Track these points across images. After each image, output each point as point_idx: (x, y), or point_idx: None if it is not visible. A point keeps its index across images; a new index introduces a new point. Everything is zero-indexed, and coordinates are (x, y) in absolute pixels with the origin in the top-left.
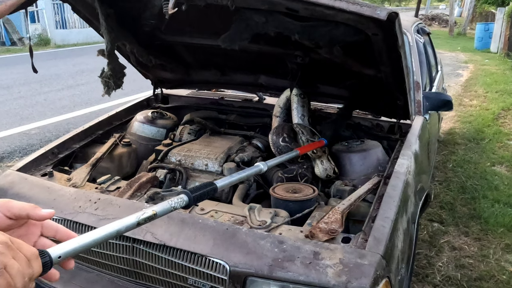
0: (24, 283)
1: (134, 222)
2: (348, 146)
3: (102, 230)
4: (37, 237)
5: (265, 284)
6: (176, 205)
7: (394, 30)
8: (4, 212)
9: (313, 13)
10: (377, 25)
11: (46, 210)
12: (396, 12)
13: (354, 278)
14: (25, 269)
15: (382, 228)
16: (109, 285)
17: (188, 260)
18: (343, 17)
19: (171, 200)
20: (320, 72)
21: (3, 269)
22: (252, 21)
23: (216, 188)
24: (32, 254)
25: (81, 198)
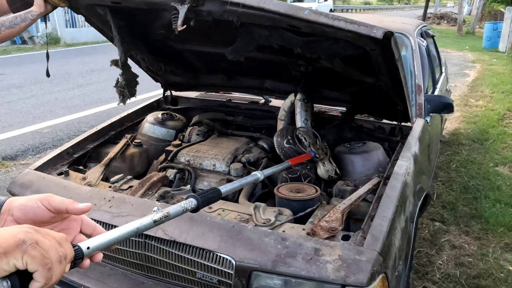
0: (58, 258)
1: (151, 221)
2: (350, 147)
3: (124, 228)
4: (77, 232)
5: (268, 278)
6: (186, 207)
7: (390, 46)
8: (46, 205)
9: (314, 30)
10: (374, 42)
11: (83, 204)
12: (391, 31)
13: (352, 273)
14: (57, 247)
15: (379, 227)
16: (123, 279)
17: (196, 255)
18: (342, 35)
19: (182, 203)
20: (323, 78)
21: (35, 243)
22: (257, 34)
23: (221, 193)
24: (62, 237)
25: (96, 196)
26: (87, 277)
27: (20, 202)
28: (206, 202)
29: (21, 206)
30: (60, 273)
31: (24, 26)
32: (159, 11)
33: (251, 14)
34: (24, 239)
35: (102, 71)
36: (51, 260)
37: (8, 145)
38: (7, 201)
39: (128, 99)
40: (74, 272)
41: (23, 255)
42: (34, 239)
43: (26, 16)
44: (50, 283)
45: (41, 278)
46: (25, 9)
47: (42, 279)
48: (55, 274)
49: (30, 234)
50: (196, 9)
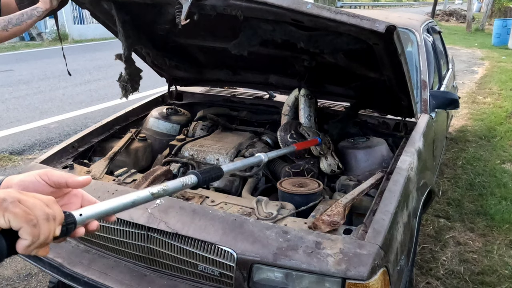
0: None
1: (148, 194)
2: (353, 142)
3: (120, 200)
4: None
5: (269, 271)
6: (186, 183)
7: (393, 40)
8: (45, 180)
9: (316, 24)
10: (377, 36)
11: (83, 177)
12: (394, 25)
13: (352, 267)
14: (43, 206)
15: (381, 221)
16: (126, 271)
17: (198, 248)
18: (345, 29)
19: (182, 178)
20: (327, 73)
21: (17, 201)
22: (260, 29)
23: (222, 172)
24: (49, 199)
25: (100, 189)
26: (90, 269)
27: (19, 178)
28: (206, 179)
29: (20, 182)
30: (48, 231)
31: (30, 23)
32: (163, 6)
33: (254, 8)
34: (5, 197)
35: (109, 67)
36: (36, 217)
37: (15, 140)
38: (6, 179)
39: (131, 94)
40: (77, 264)
41: (4, 212)
42: (16, 197)
43: (32, 12)
44: (38, 241)
45: (27, 235)
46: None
47: (28, 236)
48: (42, 232)
49: (12, 193)
50: (200, 3)
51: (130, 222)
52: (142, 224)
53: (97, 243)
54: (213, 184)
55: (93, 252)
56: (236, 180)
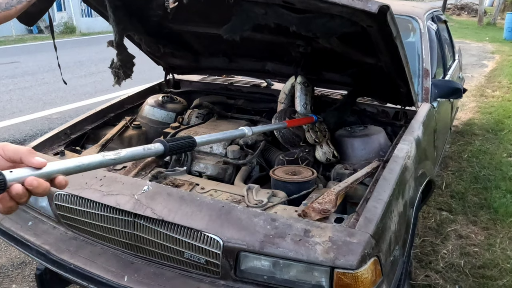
0: None
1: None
2: (350, 131)
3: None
4: None
5: (256, 259)
6: (149, 151)
7: (387, 22)
8: (1, 154)
9: (308, 6)
10: (370, 18)
11: (38, 159)
12: (387, 5)
13: (341, 255)
14: None
15: (374, 209)
16: (113, 258)
17: (184, 235)
18: (337, 10)
19: (146, 145)
20: (324, 60)
21: None
22: (252, 12)
23: (195, 142)
24: None
25: (88, 175)
26: (77, 256)
27: None
28: (175, 149)
29: None
30: None
31: (20, 8)
32: None
33: None
34: None
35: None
36: None
37: (17, 130)
38: None
39: (124, 80)
40: (64, 251)
41: None
42: None
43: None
44: None
45: None
46: None
47: None
48: None
49: None
50: None
51: (116, 208)
52: (128, 210)
53: (85, 230)
54: (205, 172)
55: (81, 239)
56: (229, 168)
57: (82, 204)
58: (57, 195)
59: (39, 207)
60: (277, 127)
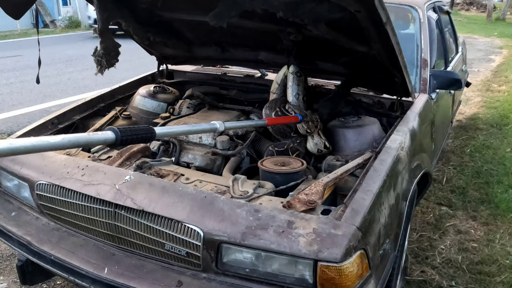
0: None
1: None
2: (344, 121)
3: None
4: None
5: (238, 251)
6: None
7: (374, 6)
8: None
9: None
10: (357, 2)
11: None
12: None
13: (325, 248)
14: None
15: (361, 201)
16: (94, 250)
17: (164, 225)
18: None
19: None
20: (317, 49)
21: None
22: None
23: (154, 134)
24: None
25: (70, 165)
26: (58, 248)
27: None
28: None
29: None
30: None
31: None
32: None
33: None
34: None
35: None
36: None
37: (15, 122)
38: None
39: (106, 69)
40: (46, 242)
41: None
42: None
43: None
44: None
45: None
46: None
47: None
48: None
49: None
50: None
51: (97, 198)
52: (109, 200)
53: (66, 220)
54: (193, 163)
55: (63, 230)
56: (218, 159)
57: (63, 194)
58: (38, 185)
59: (21, 197)
60: (255, 124)
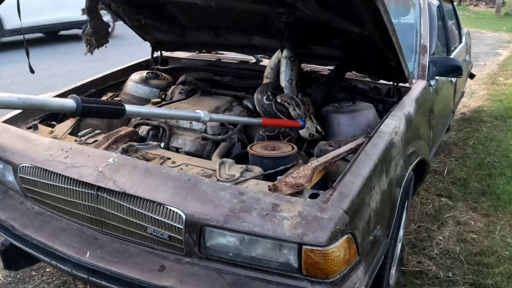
0: None
1: None
2: (338, 107)
3: None
4: None
5: (221, 235)
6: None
7: None
8: None
9: None
10: None
11: None
12: None
13: (310, 231)
14: None
15: (350, 184)
16: (77, 234)
17: (146, 208)
18: None
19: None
20: (310, 32)
21: None
22: None
23: (124, 110)
24: None
25: (54, 147)
26: (41, 232)
27: None
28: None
29: None
30: None
31: None
32: None
33: None
34: None
35: (119, 46)
36: None
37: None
38: None
39: (96, 49)
40: (29, 226)
41: None
42: None
43: None
44: None
45: None
46: None
47: None
48: None
49: None
50: None
51: (79, 181)
52: (91, 182)
53: (50, 204)
54: (183, 148)
55: (47, 214)
56: (208, 145)
57: (46, 176)
58: (21, 168)
59: (6, 182)
60: (247, 121)
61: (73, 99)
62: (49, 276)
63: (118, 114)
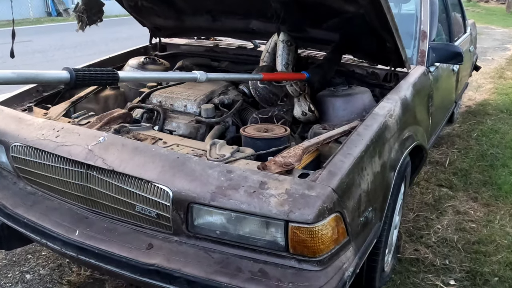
0: None
1: None
2: (333, 91)
3: None
4: None
5: (208, 213)
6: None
7: None
8: None
9: None
10: None
11: None
12: None
13: (297, 208)
14: None
15: (340, 163)
16: (67, 213)
17: (134, 186)
18: None
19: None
20: (306, 13)
21: None
22: None
23: (116, 77)
24: None
25: (46, 127)
26: (31, 211)
27: None
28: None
29: None
30: None
31: None
32: None
33: None
34: None
35: (126, 40)
36: None
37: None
38: None
39: (88, 26)
40: (20, 205)
41: None
42: None
43: None
44: None
45: None
46: None
47: None
48: None
49: None
50: None
51: (69, 159)
52: (80, 161)
53: (41, 183)
54: (177, 131)
55: (39, 194)
56: (202, 127)
57: (37, 155)
58: (13, 147)
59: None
60: (249, 77)
61: (67, 70)
62: (44, 259)
63: (112, 79)
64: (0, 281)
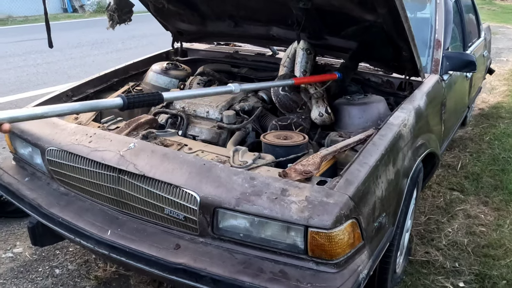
0: None
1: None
2: (350, 99)
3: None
4: None
5: (232, 217)
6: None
7: None
8: None
9: None
10: None
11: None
12: None
13: (316, 215)
14: None
15: (356, 172)
16: (99, 214)
17: (164, 190)
18: None
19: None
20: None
21: None
22: None
23: (162, 98)
24: None
25: (79, 133)
26: (66, 211)
27: None
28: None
29: None
30: None
31: None
32: None
33: None
34: None
35: (142, 37)
36: None
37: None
38: None
39: (118, 25)
40: (55, 205)
41: None
42: None
43: None
44: None
45: None
46: None
47: None
48: None
49: None
50: None
51: (102, 163)
52: (113, 165)
53: (74, 185)
54: (200, 136)
55: (72, 195)
56: (224, 133)
57: (71, 159)
58: (49, 151)
59: (34, 164)
60: (280, 84)
61: (121, 97)
62: (71, 255)
63: (157, 101)
64: (32, 275)
